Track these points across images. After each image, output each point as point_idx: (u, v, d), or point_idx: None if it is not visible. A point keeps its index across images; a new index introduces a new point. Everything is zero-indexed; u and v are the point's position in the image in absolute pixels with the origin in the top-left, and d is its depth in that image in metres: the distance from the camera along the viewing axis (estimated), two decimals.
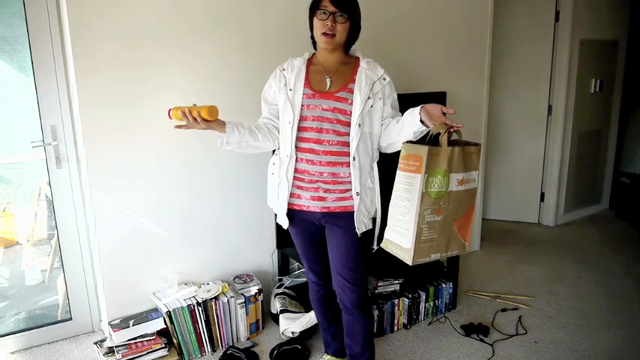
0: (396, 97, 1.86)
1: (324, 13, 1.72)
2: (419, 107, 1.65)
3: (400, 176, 1.60)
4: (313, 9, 1.77)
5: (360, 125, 1.76)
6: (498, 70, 3.99)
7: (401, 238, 1.61)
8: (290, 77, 1.82)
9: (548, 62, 4.02)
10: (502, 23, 3.88)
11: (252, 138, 1.83)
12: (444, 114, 1.58)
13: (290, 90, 1.80)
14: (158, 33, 2.28)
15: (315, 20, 1.76)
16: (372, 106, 1.77)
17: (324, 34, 1.73)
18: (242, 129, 1.81)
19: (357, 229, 1.83)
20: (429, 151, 1.52)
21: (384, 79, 1.81)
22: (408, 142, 1.62)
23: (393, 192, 1.63)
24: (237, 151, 1.88)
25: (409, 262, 1.60)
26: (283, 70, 1.85)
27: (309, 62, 1.86)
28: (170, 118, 1.76)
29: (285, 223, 1.91)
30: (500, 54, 3.99)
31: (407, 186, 1.57)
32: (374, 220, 1.88)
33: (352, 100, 1.77)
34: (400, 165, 1.60)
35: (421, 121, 1.61)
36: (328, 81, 1.81)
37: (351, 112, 1.77)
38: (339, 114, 1.77)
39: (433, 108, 1.61)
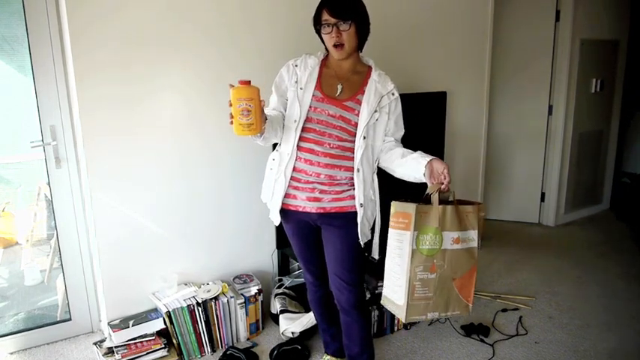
0: (400, 113, 1.86)
1: (328, 26, 1.72)
2: (427, 159, 1.67)
3: (392, 234, 1.63)
4: (317, 24, 1.78)
5: (365, 137, 1.76)
6: (499, 69, 3.99)
7: (395, 295, 1.63)
8: (302, 75, 1.80)
9: (549, 62, 4.01)
10: (502, 23, 3.88)
11: (275, 135, 1.79)
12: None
13: (301, 89, 1.79)
14: (158, 34, 2.27)
15: (323, 34, 1.77)
16: (377, 120, 1.78)
17: (334, 46, 1.74)
18: (275, 126, 1.77)
19: (360, 240, 1.83)
20: (417, 209, 1.55)
21: (393, 94, 1.81)
22: (397, 200, 1.63)
23: (387, 249, 1.66)
24: (261, 144, 1.80)
25: (403, 319, 1.62)
26: (296, 66, 1.83)
27: (323, 64, 1.85)
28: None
29: (276, 220, 1.91)
30: (501, 54, 3.98)
31: (398, 243, 1.60)
32: (372, 229, 1.89)
33: (359, 112, 1.77)
34: (391, 223, 1.63)
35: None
36: (339, 87, 1.80)
37: (356, 123, 1.77)
38: (344, 122, 1.77)
39: (438, 165, 1.64)
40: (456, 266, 1.64)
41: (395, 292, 1.63)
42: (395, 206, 1.61)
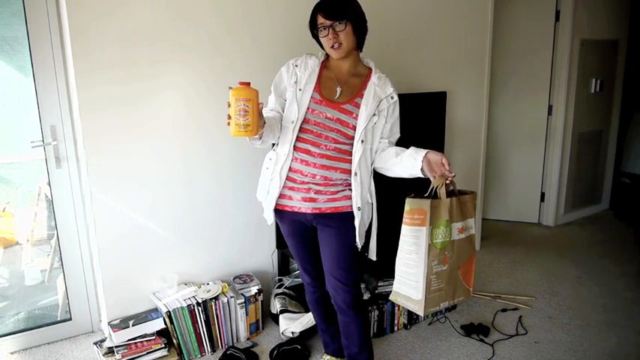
0: (398, 117, 1.86)
1: (324, 28, 1.73)
2: (422, 153, 1.68)
3: (406, 230, 1.65)
4: (313, 28, 1.79)
5: (363, 141, 1.76)
6: (498, 69, 3.99)
7: (410, 290, 1.67)
8: (302, 76, 1.80)
9: (549, 62, 4.01)
10: (502, 23, 3.88)
11: (272, 137, 1.80)
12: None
13: (299, 90, 1.79)
14: (158, 33, 2.27)
15: (320, 38, 1.77)
16: (375, 123, 1.78)
17: (332, 47, 1.74)
18: (274, 128, 1.77)
19: (357, 244, 1.84)
20: (431, 204, 1.60)
21: (392, 97, 1.81)
22: (410, 197, 1.66)
23: (400, 245, 1.68)
24: (259, 147, 1.81)
25: (421, 314, 1.67)
26: (296, 66, 1.83)
27: (323, 65, 1.85)
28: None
29: (270, 219, 1.92)
30: (501, 54, 3.99)
31: (413, 239, 1.64)
32: (368, 231, 1.89)
33: (357, 115, 1.77)
34: (405, 220, 1.65)
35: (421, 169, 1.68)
36: (338, 90, 1.80)
37: (353, 126, 1.77)
38: (341, 125, 1.77)
39: (435, 157, 1.66)
40: (461, 255, 1.70)
41: (411, 287, 1.66)
42: (410, 203, 1.64)
